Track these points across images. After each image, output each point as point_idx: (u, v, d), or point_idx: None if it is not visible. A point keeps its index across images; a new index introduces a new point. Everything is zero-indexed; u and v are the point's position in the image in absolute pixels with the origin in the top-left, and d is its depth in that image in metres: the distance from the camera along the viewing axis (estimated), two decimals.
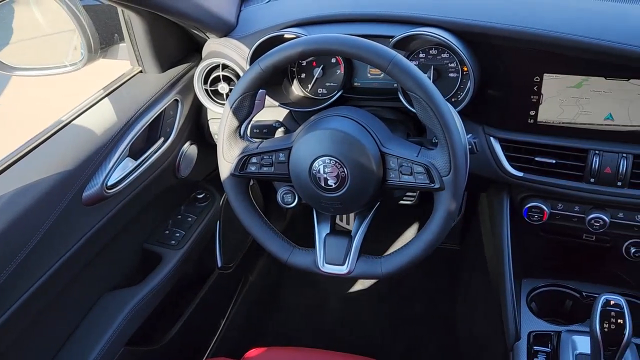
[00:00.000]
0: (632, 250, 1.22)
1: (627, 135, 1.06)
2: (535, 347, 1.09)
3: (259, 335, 1.85)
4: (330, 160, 0.97)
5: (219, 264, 1.58)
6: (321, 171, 0.97)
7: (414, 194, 2.16)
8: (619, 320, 0.91)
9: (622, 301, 0.92)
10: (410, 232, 2.04)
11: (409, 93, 0.92)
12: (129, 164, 1.15)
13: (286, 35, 1.13)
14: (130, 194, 1.18)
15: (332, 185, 0.98)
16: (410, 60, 1.17)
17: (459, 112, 1.13)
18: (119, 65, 1.30)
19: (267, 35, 1.14)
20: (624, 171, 1.05)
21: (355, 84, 1.26)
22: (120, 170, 1.12)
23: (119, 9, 1.16)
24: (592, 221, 1.14)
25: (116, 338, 1.13)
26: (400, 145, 0.98)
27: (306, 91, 1.29)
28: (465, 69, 1.11)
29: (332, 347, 1.20)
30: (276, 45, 0.97)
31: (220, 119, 1.03)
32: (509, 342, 1.13)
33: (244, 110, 1.01)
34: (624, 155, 1.05)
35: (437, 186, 0.93)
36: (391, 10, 1.11)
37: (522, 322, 1.15)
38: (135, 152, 1.18)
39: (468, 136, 1.04)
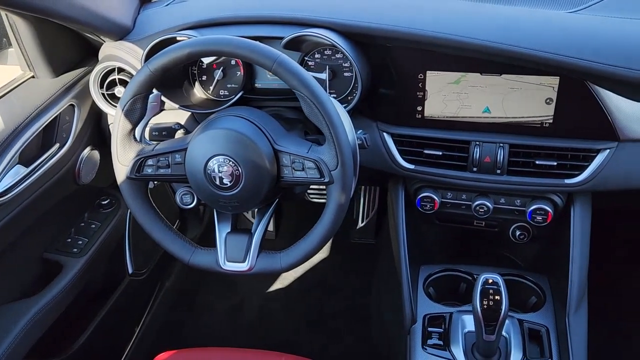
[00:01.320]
0: (517, 233, 1.32)
1: (503, 126, 1.14)
2: (429, 329, 1.15)
3: (178, 340, 1.83)
4: (225, 159, 0.99)
5: (130, 270, 1.56)
6: (216, 170, 0.99)
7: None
8: (496, 297, 0.98)
9: (499, 279, 0.99)
10: None
11: (295, 92, 0.95)
12: (20, 170, 1.11)
13: (178, 38, 1.14)
14: (25, 202, 1.14)
15: (227, 184, 1.00)
16: (306, 60, 1.21)
17: (352, 110, 1.19)
18: (8, 70, 1.26)
19: (159, 38, 1.14)
20: (502, 160, 1.14)
21: (257, 85, 1.29)
22: (10, 177, 1.08)
23: (2, 12, 1.12)
24: (477, 207, 1.22)
25: (12, 351, 1.10)
26: (293, 143, 1.01)
27: (208, 93, 1.31)
28: None
29: (252, 346, 1.22)
30: None
31: None
32: (406, 326, 1.19)
33: (136, 112, 1.01)
34: (501, 145, 1.14)
35: (326, 180, 0.97)
36: (282, 13, 1.15)
37: (418, 306, 1.22)
38: (27, 158, 1.14)
39: (358, 132, 1.09)
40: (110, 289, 1.50)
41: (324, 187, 0.99)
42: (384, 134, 1.22)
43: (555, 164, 1.12)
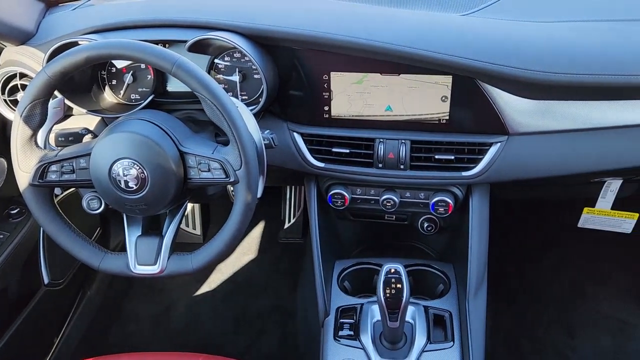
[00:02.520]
0: (425, 225, 1.39)
1: (404, 123, 1.20)
2: (341, 320, 1.20)
3: (102, 349, 1.80)
4: (129, 162, 0.99)
5: (46, 280, 1.52)
6: (121, 174, 0.99)
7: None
8: (398, 285, 1.04)
9: (400, 268, 1.05)
10: None
11: (196, 94, 0.97)
12: None
13: (80, 42, 1.13)
14: None
15: (133, 187, 1.00)
16: (216, 64, 1.23)
17: (261, 111, 1.22)
18: None
19: (60, 42, 1.13)
20: (404, 156, 1.20)
21: (168, 88, 1.29)
22: None
23: None
24: (385, 201, 1.28)
25: None
26: (198, 144, 1.03)
27: (119, 97, 1.30)
28: None
29: (178, 350, 1.22)
30: None
31: None
32: (320, 319, 1.23)
33: (35, 118, 1.00)
34: (403, 141, 1.20)
35: (232, 180, 0.99)
36: (186, 16, 1.16)
37: (332, 300, 1.26)
38: None
39: (266, 132, 1.12)
40: (25, 300, 1.46)
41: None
42: (294, 133, 1.26)
43: (453, 157, 1.19)
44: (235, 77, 1.24)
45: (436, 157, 1.20)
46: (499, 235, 2.06)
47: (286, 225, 2.19)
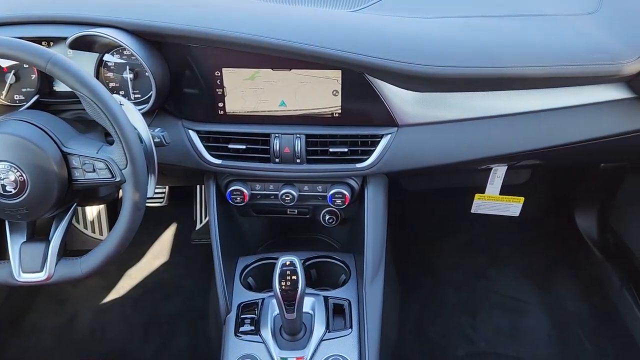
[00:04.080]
0: (327, 217, 1.42)
1: (299, 118, 1.22)
2: (242, 316, 1.20)
3: None
4: (6, 165, 0.94)
5: None
6: None
7: (161, 196, 2.19)
8: (293, 277, 1.05)
9: (295, 260, 1.06)
10: None
11: (75, 92, 0.94)
12: None
13: None
14: None
15: (11, 192, 0.96)
16: (105, 61, 1.19)
17: (153, 109, 1.19)
18: None
19: None
20: (299, 150, 1.21)
21: (55, 88, 1.24)
22: None
23: None
24: (284, 196, 1.29)
25: None
26: (82, 144, 1.00)
27: (1, 98, 1.23)
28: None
29: None
30: None
31: None
32: (222, 317, 1.22)
33: None
34: (298, 136, 1.22)
35: (118, 179, 0.97)
36: (67, 12, 1.11)
37: (234, 297, 1.26)
38: None
39: (156, 130, 1.10)
40: None
41: None
42: (190, 131, 1.24)
43: (347, 150, 1.22)
44: (126, 75, 1.20)
45: (331, 150, 1.22)
46: (406, 225, 2.15)
47: (198, 226, 2.16)
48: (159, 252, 2.12)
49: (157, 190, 2.17)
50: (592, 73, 1.14)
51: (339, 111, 1.21)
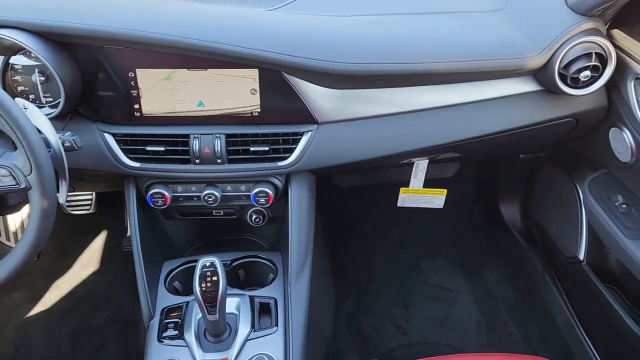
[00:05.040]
0: (254, 217, 1.41)
1: (218, 118, 1.21)
2: (166, 321, 1.18)
3: None
4: None
5: None
6: None
7: (88, 203, 2.12)
8: (214, 278, 1.04)
9: (215, 261, 1.05)
10: None
11: None
12: None
13: None
14: None
15: None
16: (12, 64, 1.14)
17: (65, 113, 1.15)
18: None
19: None
20: (220, 150, 1.20)
21: None
22: None
23: None
24: (206, 197, 1.28)
25: None
26: None
27: None
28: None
29: None
30: None
31: None
32: (144, 323, 1.20)
33: None
34: (217, 136, 1.21)
35: (23, 186, 0.93)
36: None
37: (158, 301, 1.23)
38: None
39: (66, 134, 1.06)
40: None
41: None
42: (105, 134, 1.21)
43: (268, 149, 1.22)
44: (36, 78, 1.16)
45: (252, 149, 1.22)
46: (340, 221, 2.17)
47: (129, 233, 2.10)
48: (88, 262, 2.05)
49: (83, 198, 2.10)
50: (499, 67, 1.19)
51: (258, 110, 1.21)
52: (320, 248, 1.75)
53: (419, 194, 1.57)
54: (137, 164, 1.22)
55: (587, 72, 1.18)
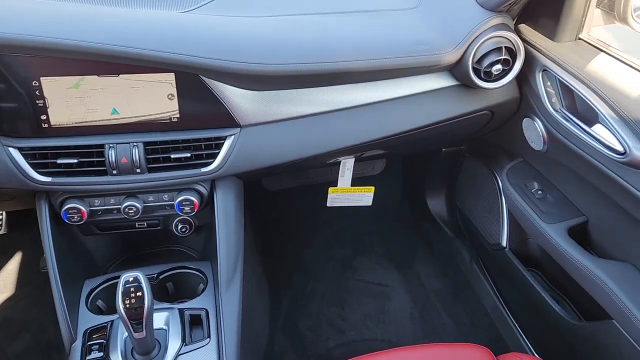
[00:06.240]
0: (180, 226, 1.36)
1: (135, 125, 1.15)
2: (89, 343, 1.11)
3: None
4: None
5: None
6: None
7: None
8: (138, 294, 0.99)
9: (139, 276, 1.00)
10: None
11: None
12: None
13: None
14: None
15: None
16: None
17: None
18: None
19: None
20: (138, 159, 1.15)
21: None
22: None
23: None
24: (127, 209, 1.22)
25: None
26: None
27: None
28: None
29: None
30: None
31: None
32: (66, 347, 1.12)
33: None
34: (135, 144, 1.15)
35: None
36: None
37: (80, 323, 1.16)
38: None
39: None
40: None
41: None
42: (10, 149, 1.12)
43: (190, 155, 1.18)
44: None
45: (173, 156, 1.17)
46: (272, 224, 2.15)
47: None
48: (2, 286, 1.91)
49: None
50: (417, 64, 1.21)
51: (177, 115, 1.16)
52: (253, 253, 1.72)
53: (347, 193, 1.58)
54: (48, 179, 1.14)
55: (499, 66, 1.23)
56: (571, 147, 1.21)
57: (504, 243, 1.55)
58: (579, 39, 1.27)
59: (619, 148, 1.07)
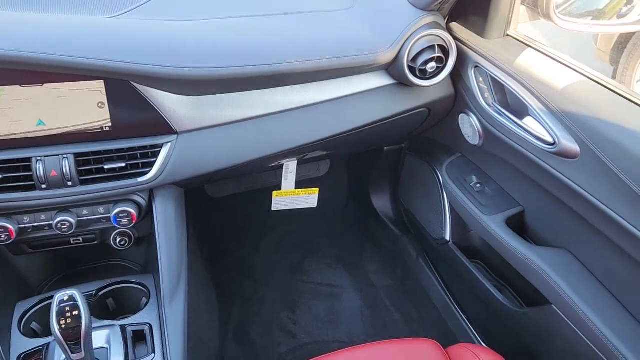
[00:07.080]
0: (118, 239, 1.31)
1: (64, 137, 1.10)
2: None
3: None
4: None
5: None
6: None
7: None
8: (74, 313, 0.94)
9: (75, 294, 0.95)
10: None
11: None
12: None
13: None
14: None
15: None
16: None
17: None
18: None
19: None
20: (69, 171, 1.10)
21: None
22: None
23: None
24: (59, 225, 1.16)
25: None
26: None
27: None
28: None
29: None
30: None
31: None
32: None
33: None
34: (65, 156, 1.10)
35: None
36: None
37: (12, 348, 1.09)
38: None
39: None
40: None
41: None
42: None
43: (124, 165, 1.14)
44: None
45: (106, 167, 1.13)
46: (218, 231, 2.11)
47: None
48: None
49: None
50: (352, 64, 1.22)
51: (109, 124, 1.12)
52: (199, 262, 1.67)
53: (292, 196, 1.57)
54: None
55: (433, 64, 1.25)
56: (505, 140, 1.25)
57: (448, 237, 1.58)
58: (507, 35, 1.31)
59: (549, 139, 1.11)
